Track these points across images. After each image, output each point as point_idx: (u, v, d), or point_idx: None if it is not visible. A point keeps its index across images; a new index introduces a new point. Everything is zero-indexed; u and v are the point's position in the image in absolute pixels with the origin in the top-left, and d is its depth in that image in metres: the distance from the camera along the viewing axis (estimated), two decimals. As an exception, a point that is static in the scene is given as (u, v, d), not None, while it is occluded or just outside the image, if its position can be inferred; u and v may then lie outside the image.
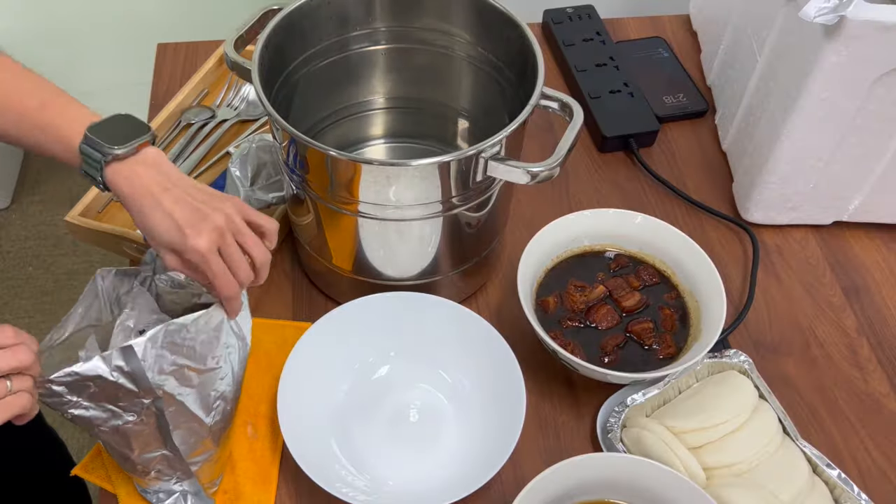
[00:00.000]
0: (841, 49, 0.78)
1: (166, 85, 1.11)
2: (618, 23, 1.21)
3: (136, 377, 0.62)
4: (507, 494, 0.78)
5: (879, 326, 0.92)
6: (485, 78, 0.88)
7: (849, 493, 0.75)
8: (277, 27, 0.79)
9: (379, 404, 0.83)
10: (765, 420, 0.78)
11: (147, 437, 0.67)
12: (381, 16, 0.87)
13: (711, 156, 1.07)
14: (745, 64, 0.99)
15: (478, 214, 0.81)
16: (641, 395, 0.80)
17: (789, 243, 0.98)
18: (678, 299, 0.87)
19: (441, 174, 0.73)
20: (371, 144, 1.00)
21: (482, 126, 0.92)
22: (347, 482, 0.76)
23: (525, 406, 0.76)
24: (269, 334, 0.87)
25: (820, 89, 0.82)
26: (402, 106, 0.97)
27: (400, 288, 0.85)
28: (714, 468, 0.74)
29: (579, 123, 0.75)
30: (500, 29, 0.82)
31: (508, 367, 0.79)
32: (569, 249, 0.90)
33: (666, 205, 1.01)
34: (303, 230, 0.87)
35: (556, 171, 0.72)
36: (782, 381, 0.87)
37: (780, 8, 0.88)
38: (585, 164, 1.05)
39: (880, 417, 0.85)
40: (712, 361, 0.82)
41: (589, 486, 0.72)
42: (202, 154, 1.01)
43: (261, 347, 0.85)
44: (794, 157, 0.89)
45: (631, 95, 1.07)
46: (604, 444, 0.80)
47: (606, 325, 0.85)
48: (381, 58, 0.91)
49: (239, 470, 0.78)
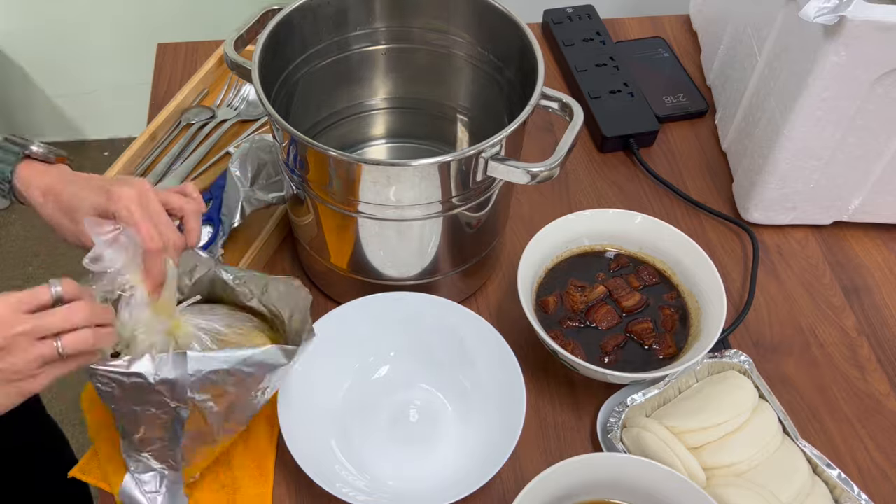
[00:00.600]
0: (841, 49, 0.78)
1: (166, 85, 1.11)
2: (618, 23, 1.21)
3: (175, 386, 0.61)
4: (507, 494, 0.78)
5: (879, 326, 0.92)
6: (485, 78, 0.88)
7: (849, 493, 0.75)
8: (277, 27, 0.79)
9: (379, 404, 0.83)
10: (765, 420, 0.78)
11: (157, 427, 0.67)
12: (381, 16, 0.87)
13: (711, 156, 1.07)
14: (745, 64, 0.99)
15: (478, 214, 0.81)
16: (641, 395, 0.80)
17: (789, 243, 0.98)
18: (678, 299, 0.87)
19: (441, 174, 0.73)
20: (371, 144, 1.00)
21: (482, 126, 0.92)
22: (347, 482, 0.76)
23: (525, 406, 0.76)
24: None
25: (820, 89, 0.82)
26: (402, 106, 0.97)
27: (400, 288, 0.85)
28: (714, 468, 0.74)
29: (579, 123, 0.75)
30: (500, 29, 0.82)
31: (509, 367, 0.79)
32: (569, 249, 0.90)
33: (666, 205, 1.01)
34: (303, 230, 0.87)
35: (556, 171, 0.72)
36: (782, 381, 0.87)
37: (780, 8, 0.88)
38: (585, 164, 1.05)
39: (880, 417, 0.85)
40: (712, 361, 0.82)
41: (589, 486, 0.72)
42: (202, 154, 1.01)
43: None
44: (794, 157, 0.89)
45: (631, 95, 1.07)
46: (604, 444, 0.80)
47: (606, 325, 0.85)
48: (381, 58, 0.91)
49: (235, 464, 0.78)
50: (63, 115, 2.12)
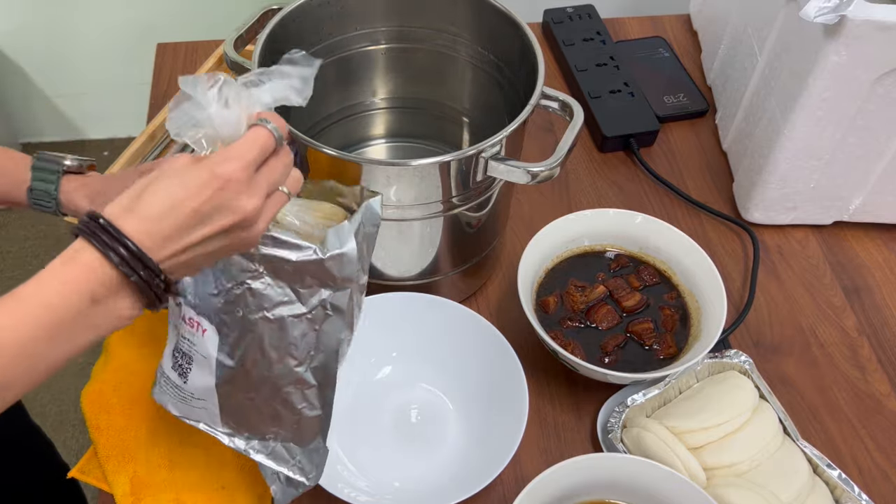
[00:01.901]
0: (841, 49, 0.78)
1: (166, 85, 1.11)
2: (618, 23, 1.21)
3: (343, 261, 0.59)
4: (507, 494, 0.78)
5: (880, 326, 0.92)
6: (485, 78, 0.88)
7: (849, 494, 0.75)
8: (277, 27, 0.79)
9: (381, 405, 0.83)
10: (765, 420, 0.77)
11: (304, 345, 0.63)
12: (381, 16, 0.87)
13: (712, 156, 1.07)
14: (746, 64, 0.99)
15: (478, 214, 0.81)
16: (642, 395, 0.80)
17: (790, 243, 0.98)
18: (678, 299, 0.87)
19: (441, 174, 0.73)
20: (371, 144, 1.00)
21: (482, 126, 0.92)
22: (349, 482, 0.76)
23: (528, 406, 0.76)
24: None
25: (820, 89, 0.82)
26: (402, 106, 0.97)
27: (400, 288, 0.85)
28: (714, 468, 0.74)
29: (579, 123, 0.75)
30: (500, 29, 0.82)
31: (510, 368, 0.79)
32: (569, 249, 0.90)
33: (666, 205, 1.01)
34: (303, 230, 0.87)
35: (556, 171, 0.72)
36: (783, 381, 0.87)
37: (780, 8, 0.88)
38: (585, 164, 1.05)
39: (881, 417, 0.85)
40: (713, 361, 0.82)
41: (589, 487, 0.72)
42: (202, 154, 1.01)
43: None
44: (795, 156, 0.89)
45: (631, 95, 1.07)
46: (604, 444, 0.80)
47: (607, 325, 0.84)
48: (381, 58, 0.91)
49: (236, 464, 0.78)
50: (63, 115, 2.12)
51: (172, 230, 0.49)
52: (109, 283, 0.48)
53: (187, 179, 0.49)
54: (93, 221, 0.48)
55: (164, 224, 0.49)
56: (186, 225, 0.49)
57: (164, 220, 0.49)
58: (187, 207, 0.49)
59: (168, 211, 0.49)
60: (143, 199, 0.49)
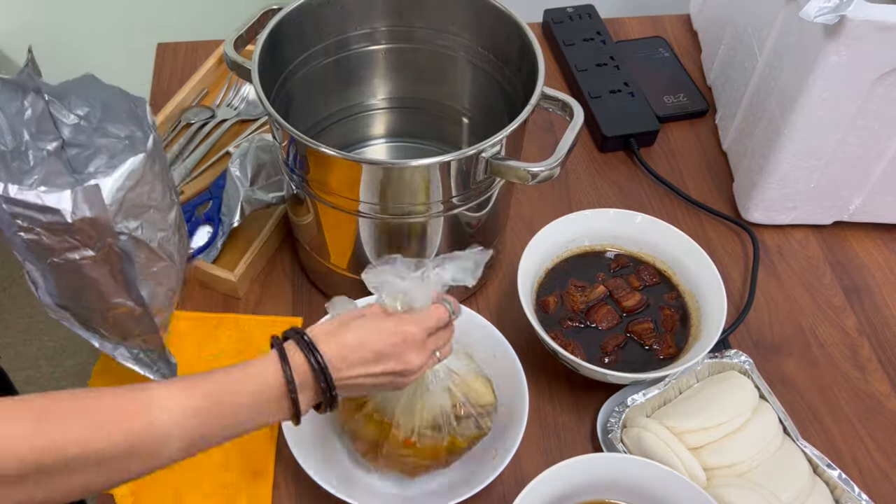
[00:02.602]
0: (841, 49, 0.78)
1: (166, 85, 1.11)
2: (618, 23, 1.21)
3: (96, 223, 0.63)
4: (507, 494, 0.78)
5: (880, 326, 0.92)
6: (485, 78, 0.88)
7: (849, 494, 0.75)
8: (277, 27, 0.79)
9: (379, 404, 0.83)
10: (765, 420, 0.77)
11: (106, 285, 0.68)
12: (381, 16, 0.87)
13: (712, 156, 1.06)
14: (746, 64, 0.99)
15: (478, 214, 0.81)
16: (642, 395, 0.80)
17: (790, 243, 0.98)
18: (678, 299, 0.87)
19: (441, 174, 0.73)
20: (371, 144, 1.00)
21: (482, 126, 0.92)
22: (349, 482, 0.76)
23: (528, 406, 0.76)
24: (261, 330, 0.87)
25: (820, 89, 0.82)
26: (402, 106, 0.97)
27: (400, 288, 0.85)
28: (714, 468, 0.74)
29: (579, 123, 0.75)
30: (500, 29, 0.82)
31: (510, 368, 0.79)
32: (569, 249, 0.90)
33: (666, 205, 1.01)
34: (303, 230, 0.87)
35: (556, 171, 0.72)
36: (783, 381, 0.87)
37: (780, 8, 0.88)
38: (585, 164, 1.05)
39: (881, 417, 0.85)
40: (713, 361, 0.82)
41: (589, 487, 0.72)
42: (202, 154, 1.01)
43: (252, 344, 0.86)
44: (795, 156, 0.89)
45: (631, 95, 1.07)
46: (604, 444, 0.80)
47: (607, 325, 0.84)
48: (381, 58, 0.91)
49: (235, 464, 0.78)
50: (63, 115, 2.11)
51: (357, 360, 0.61)
52: (303, 380, 0.59)
53: (380, 327, 0.62)
54: (299, 336, 0.61)
55: (354, 354, 0.61)
56: (367, 360, 0.61)
57: (355, 352, 0.61)
58: (373, 347, 0.61)
59: (359, 345, 0.61)
60: (342, 330, 0.62)
